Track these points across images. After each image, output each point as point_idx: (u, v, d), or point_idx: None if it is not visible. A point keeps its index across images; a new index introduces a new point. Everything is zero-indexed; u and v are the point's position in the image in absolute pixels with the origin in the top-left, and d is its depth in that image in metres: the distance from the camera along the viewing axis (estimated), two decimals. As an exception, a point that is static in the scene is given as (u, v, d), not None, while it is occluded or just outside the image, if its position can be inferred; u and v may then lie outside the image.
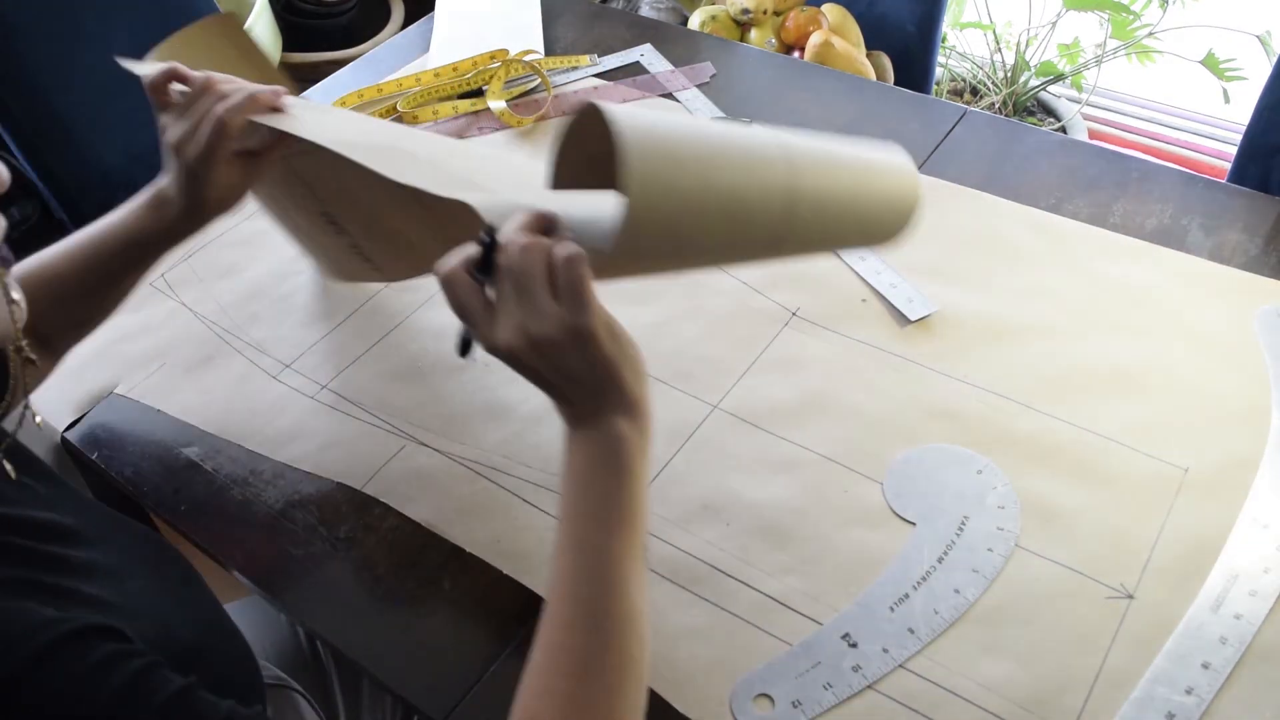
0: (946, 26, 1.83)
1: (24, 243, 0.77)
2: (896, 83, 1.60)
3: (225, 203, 0.71)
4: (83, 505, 0.60)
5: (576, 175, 0.58)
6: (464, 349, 0.53)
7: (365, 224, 0.78)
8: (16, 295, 0.55)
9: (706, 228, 0.51)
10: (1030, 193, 0.97)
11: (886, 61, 1.60)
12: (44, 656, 0.43)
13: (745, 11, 1.61)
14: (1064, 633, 0.64)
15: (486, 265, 0.50)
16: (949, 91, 1.91)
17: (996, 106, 1.83)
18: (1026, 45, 1.80)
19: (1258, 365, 0.79)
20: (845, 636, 0.64)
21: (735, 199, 0.51)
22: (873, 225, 0.60)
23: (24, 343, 0.58)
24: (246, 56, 0.81)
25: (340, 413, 0.82)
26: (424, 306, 0.89)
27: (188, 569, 0.63)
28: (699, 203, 0.50)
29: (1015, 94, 1.82)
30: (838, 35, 1.54)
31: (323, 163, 0.70)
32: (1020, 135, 1.05)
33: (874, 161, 0.60)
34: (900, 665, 0.63)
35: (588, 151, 0.56)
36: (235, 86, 0.68)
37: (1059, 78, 1.81)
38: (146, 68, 0.71)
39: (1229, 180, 1.17)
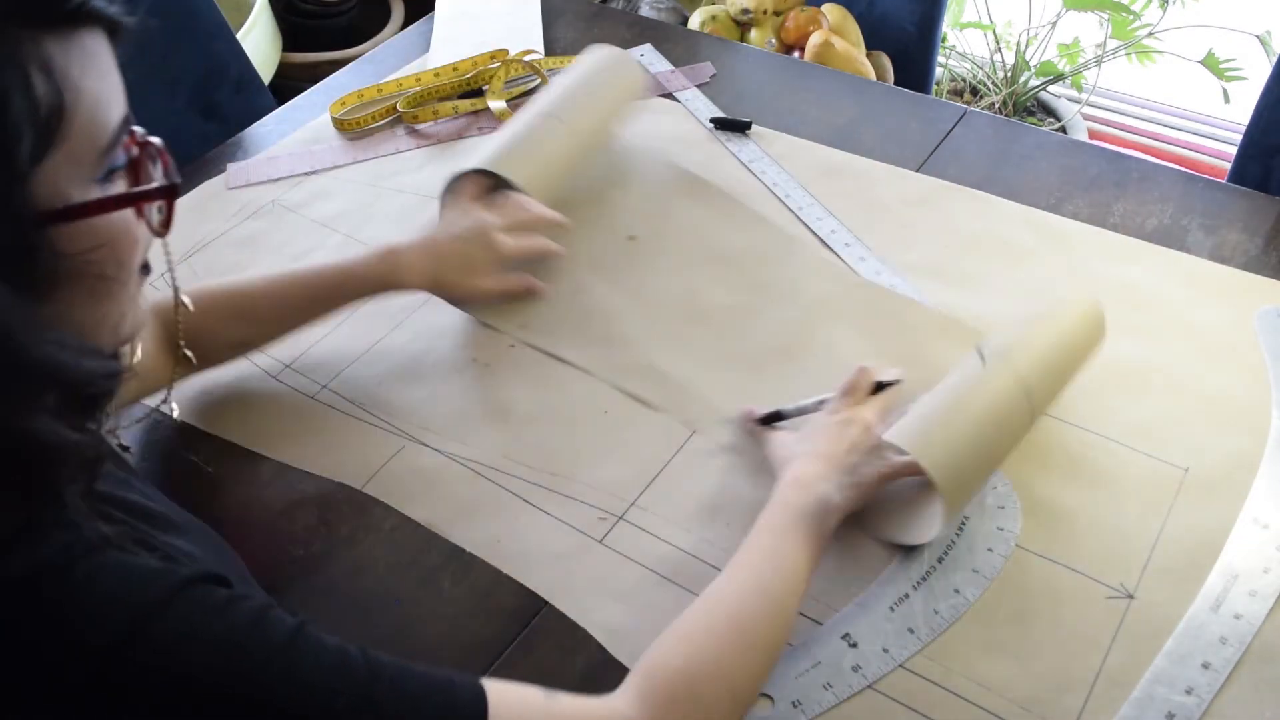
0: (946, 26, 1.83)
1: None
2: (896, 83, 1.60)
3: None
4: (157, 495, 0.60)
5: None
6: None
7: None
8: (187, 300, 0.65)
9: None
10: (1030, 193, 0.97)
11: (886, 61, 1.60)
12: (170, 598, 0.44)
13: (745, 11, 1.61)
14: (1064, 633, 0.64)
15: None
16: (949, 91, 1.91)
17: (996, 106, 1.83)
18: (1026, 45, 1.80)
19: (1258, 365, 0.79)
20: (845, 636, 0.64)
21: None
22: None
23: (183, 343, 0.67)
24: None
25: (340, 413, 0.82)
26: (424, 307, 0.89)
27: (244, 567, 0.64)
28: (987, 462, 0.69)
29: (1015, 94, 1.82)
30: (838, 35, 1.54)
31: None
32: (1020, 135, 1.05)
33: (1078, 341, 0.75)
34: (900, 665, 0.63)
35: None
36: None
37: (1059, 78, 1.81)
38: None
39: (1229, 180, 1.17)
